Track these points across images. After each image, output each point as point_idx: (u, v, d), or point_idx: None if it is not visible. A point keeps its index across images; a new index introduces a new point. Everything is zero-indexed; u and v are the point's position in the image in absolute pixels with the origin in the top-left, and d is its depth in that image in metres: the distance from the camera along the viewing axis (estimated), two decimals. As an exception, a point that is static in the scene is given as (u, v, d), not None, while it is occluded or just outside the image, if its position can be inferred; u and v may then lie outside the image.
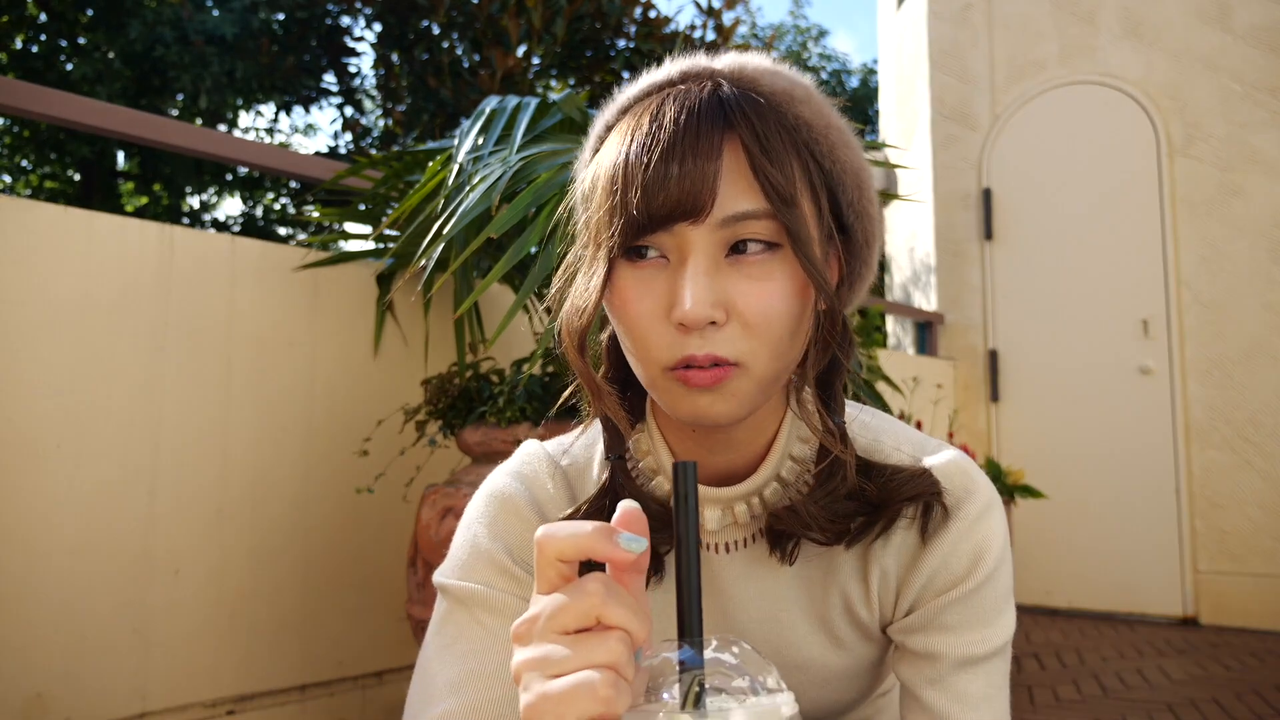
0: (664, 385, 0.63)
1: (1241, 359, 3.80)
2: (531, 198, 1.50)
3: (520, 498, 0.75)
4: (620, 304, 0.64)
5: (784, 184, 0.61)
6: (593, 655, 0.46)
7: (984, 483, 0.71)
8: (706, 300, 0.59)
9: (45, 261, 1.62)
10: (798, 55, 15.18)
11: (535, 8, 4.91)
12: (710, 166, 0.59)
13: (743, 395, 0.62)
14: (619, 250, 0.62)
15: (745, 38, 7.80)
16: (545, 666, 0.46)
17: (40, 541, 1.58)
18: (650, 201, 0.60)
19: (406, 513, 2.06)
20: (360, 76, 7.47)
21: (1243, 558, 3.70)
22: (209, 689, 1.77)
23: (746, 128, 0.61)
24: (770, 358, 0.62)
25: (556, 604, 0.47)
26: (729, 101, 0.62)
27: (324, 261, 2.02)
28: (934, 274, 4.66)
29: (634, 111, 0.65)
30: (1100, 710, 2.54)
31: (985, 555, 0.69)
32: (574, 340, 0.65)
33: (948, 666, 0.69)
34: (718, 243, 0.61)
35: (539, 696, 0.45)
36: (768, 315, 0.61)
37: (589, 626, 0.47)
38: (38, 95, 1.75)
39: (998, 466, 3.50)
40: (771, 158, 0.61)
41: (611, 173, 0.63)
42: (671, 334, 0.61)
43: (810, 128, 0.65)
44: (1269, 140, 3.84)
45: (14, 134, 8.08)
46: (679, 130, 0.61)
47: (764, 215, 0.60)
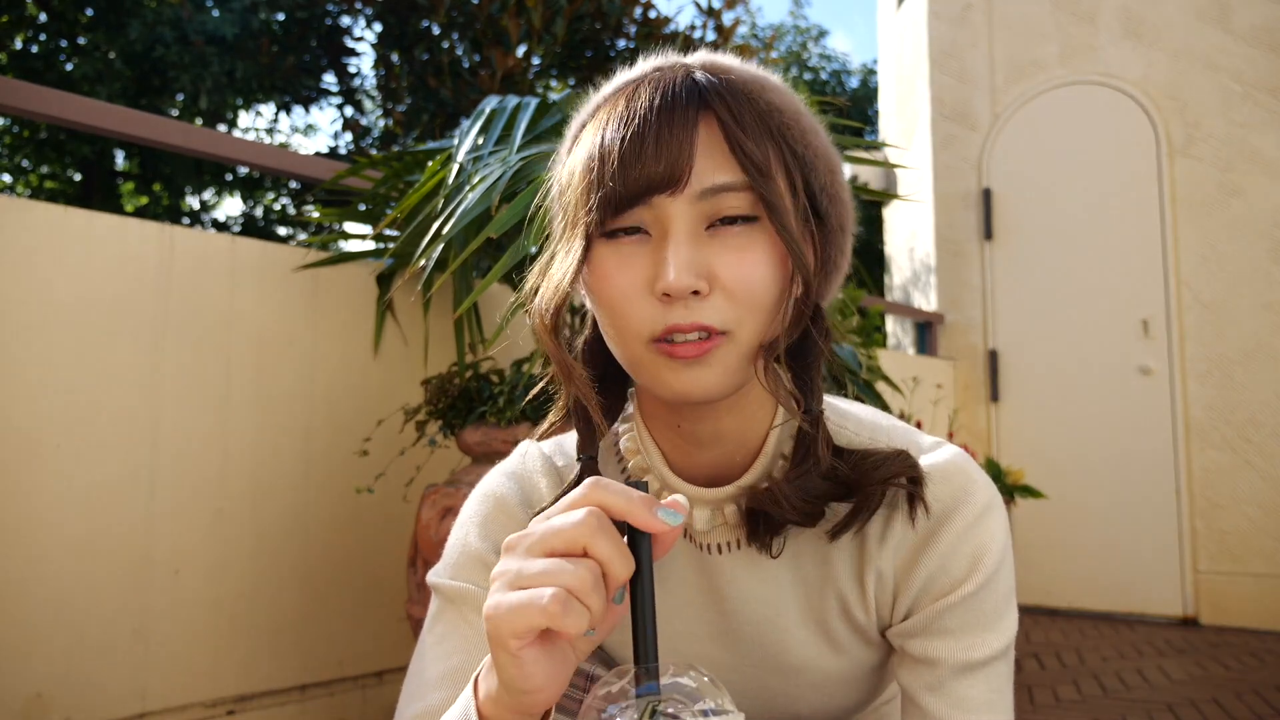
0: (648, 360, 0.63)
1: (1241, 359, 3.80)
2: (531, 197, 1.50)
3: (513, 498, 0.76)
4: (600, 280, 0.63)
5: (760, 157, 0.61)
6: (559, 577, 0.48)
7: (984, 482, 0.70)
8: (689, 269, 0.59)
9: (45, 261, 1.62)
10: (798, 55, 15.18)
11: (535, 8, 4.91)
12: (686, 138, 0.60)
13: (729, 366, 0.62)
14: (596, 227, 0.62)
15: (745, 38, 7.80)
16: (513, 580, 0.50)
17: (40, 541, 1.58)
18: (627, 175, 0.60)
19: (406, 513, 2.06)
20: (360, 76, 7.47)
21: (1243, 558, 3.70)
22: (209, 689, 1.77)
23: (721, 105, 0.62)
24: (755, 326, 0.62)
25: (550, 526, 0.51)
26: (703, 83, 0.63)
27: (324, 261, 2.02)
28: (934, 274, 4.66)
29: (609, 102, 0.66)
30: (1100, 710, 2.54)
31: (985, 557, 0.68)
32: (546, 318, 0.65)
33: (947, 672, 0.68)
34: (697, 216, 0.61)
35: (493, 605, 0.50)
36: (750, 284, 0.61)
37: (574, 553, 0.50)
38: (38, 95, 1.75)
39: (998, 466, 3.50)
40: (747, 132, 0.62)
41: (588, 157, 0.63)
42: (654, 306, 0.61)
43: (782, 113, 0.65)
44: (1269, 140, 3.84)
45: (14, 134, 8.08)
46: (654, 109, 0.61)
47: (741, 187, 0.61)
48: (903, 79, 5.25)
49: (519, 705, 0.52)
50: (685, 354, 0.61)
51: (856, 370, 1.82)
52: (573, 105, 1.96)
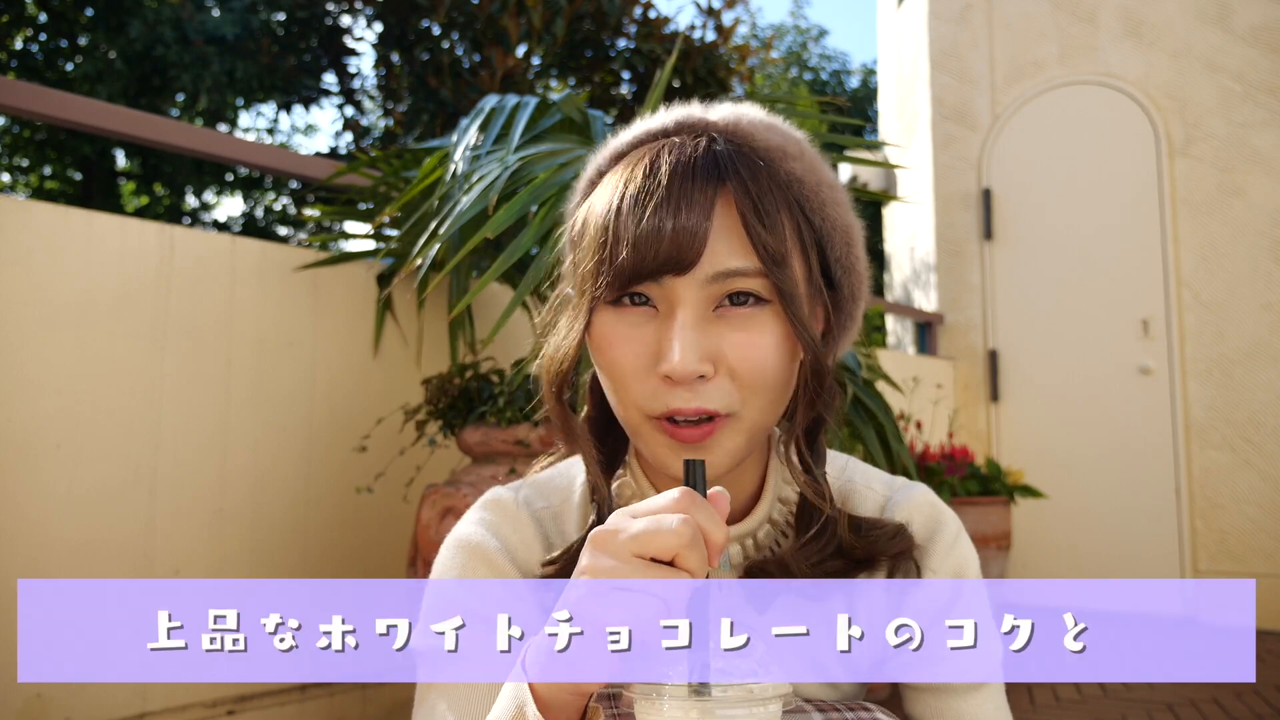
0: (648, 433, 0.63)
1: (1241, 359, 3.80)
2: (529, 197, 1.50)
3: (489, 545, 0.72)
4: (603, 347, 0.63)
5: (775, 245, 0.61)
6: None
7: (950, 511, 0.75)
8: (695, 355, 0.59)
9: (45, 261, 1.62)
10: (798, 55, 15.17)
11: (535, 8, 4.91)
12: (701, 222, 0.59)
13: (731, 447, 0.62)
14: (602, 299, 0.62)
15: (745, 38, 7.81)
16: (609, 581, 0.50)
17: (40, 541, 1.58)
18: (640, 256, 0.59)
19: (406, 513, 2.06)
20: (360, 76, 7.46)
21: (1243, 558, 3.70)
22: (209, 689, 1.77)
23: (739, 185, 0.61)
24: (759, 408, 0.62)
25: (643, 528, 0.50)
26: (722, 157, 0.62)
27: (324, 261, 2.02)
28: (934, 274, 4.66)
29: (628, 160, 0.65)
30: (1100, 710, 2.54)
31: (967, 570, 0.72)
32: (552, 387, 0.65)
33: (953, 695, 0.70)
34: (707, 297, 0.61)
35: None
36: (756, 366, 0.61)
37: (663, 560, 0.50)
38: (38, 95, 1.75)
39: (998, 466, 3.50)
40: (764, 218, 0.61)
41: (602, 222, 0.62)
42: (656, 384, 0.61)
43: (802, 184, 0.65)
44: (1269, 140, 3.84)
45: (14, 134, 8.08)
46: (672, 184, 0.60)
47: (755, 274, 0.60)
48: (903, 79, 5.25)
49: (577, 689, 0.53)
50: (687, 437, 0.61)
51: (856, 370, 1.82)
52: (572, 105, 1.95)
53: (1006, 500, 3.38)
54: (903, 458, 1.79)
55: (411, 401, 2.07)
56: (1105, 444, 4.01)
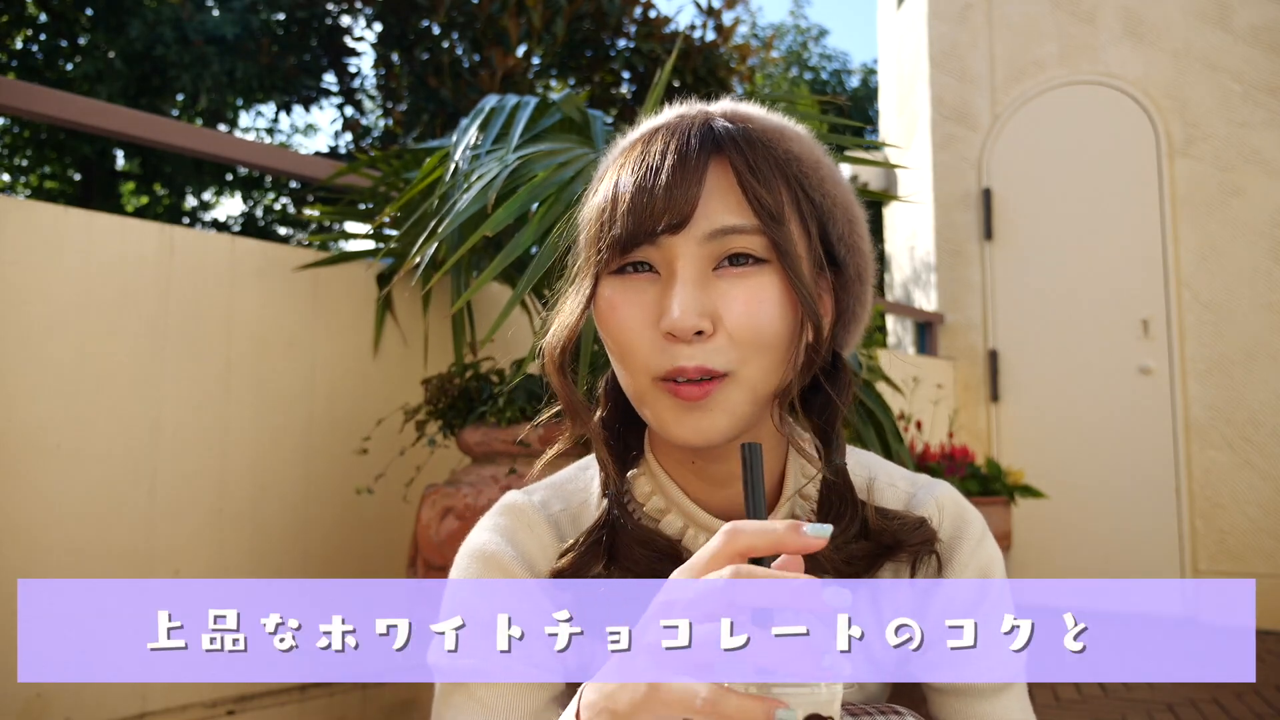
0: (653, 397, 0.63)
1: (1241, 359, 3.80)
2: (528, 196, 1.49)
3: (505, 554, 0.71)
4: (607, 313, 0.64)
5: (771, 201, 0.62)
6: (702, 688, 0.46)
7: (975, 510, 0.75)
8: (694, 310, 0.60)
9: (45, 261, 1.62)
10: (798, 55, 15.17)
11: (535, 8, 4.91)
12: (694, 180, 0.61)
13: (733, 407, 0.62)
14: (605, 267, 0.63)
15: (745, 37, 7.80)
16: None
17: (40, 541, 1.58)
18: (636, 216, 0.61)
19: (406, 513, 2.06)
20: (360, 76, 7.46)
21: (1243, 558, 3.70)
22: (209, 689, 1.77)
23: (735, 151, 0.63)
24: (759, 368, 0.62)
25: (695, 594, 0.47)
26: (720, 130, 0.64)
27: (324, 261, 2.02)
28: (934, 274, 4.66)
29: (630, 149, 0.67)
30: (1100, 710, 2.54)
31: (992, 570, 0.71)
32: (554, 357, 0.66)
33: (981, 696, 0.70)
34: (705, 256, 0.62)
35: (649, 686, 0.47)
36: (754, 324, 0.61)
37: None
38: (38, 95, 1.75)
39: (998, 466, 3.50)
40: (760, 179, 0.62)
41: (602, 201, 0.65)
42: (660, 343, 0.62)
43: (800, 161, 0.66)
44: (1269, 140, 3.84)
45: (14, 134, 8.08)
46: (667, 154, 0.62)
47: (752, 230, 0.61)
48: (903, 79, 5.25)
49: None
50: (688, 395, 0.61)
51: (856, 370, 1.81)
52: (572, 105, 1.95)
53: (1006, 500, 3.38)
54: (903, 458, 1.79)
55: (411, 402, 2.07)
56: (1105, 444, 4.01)
